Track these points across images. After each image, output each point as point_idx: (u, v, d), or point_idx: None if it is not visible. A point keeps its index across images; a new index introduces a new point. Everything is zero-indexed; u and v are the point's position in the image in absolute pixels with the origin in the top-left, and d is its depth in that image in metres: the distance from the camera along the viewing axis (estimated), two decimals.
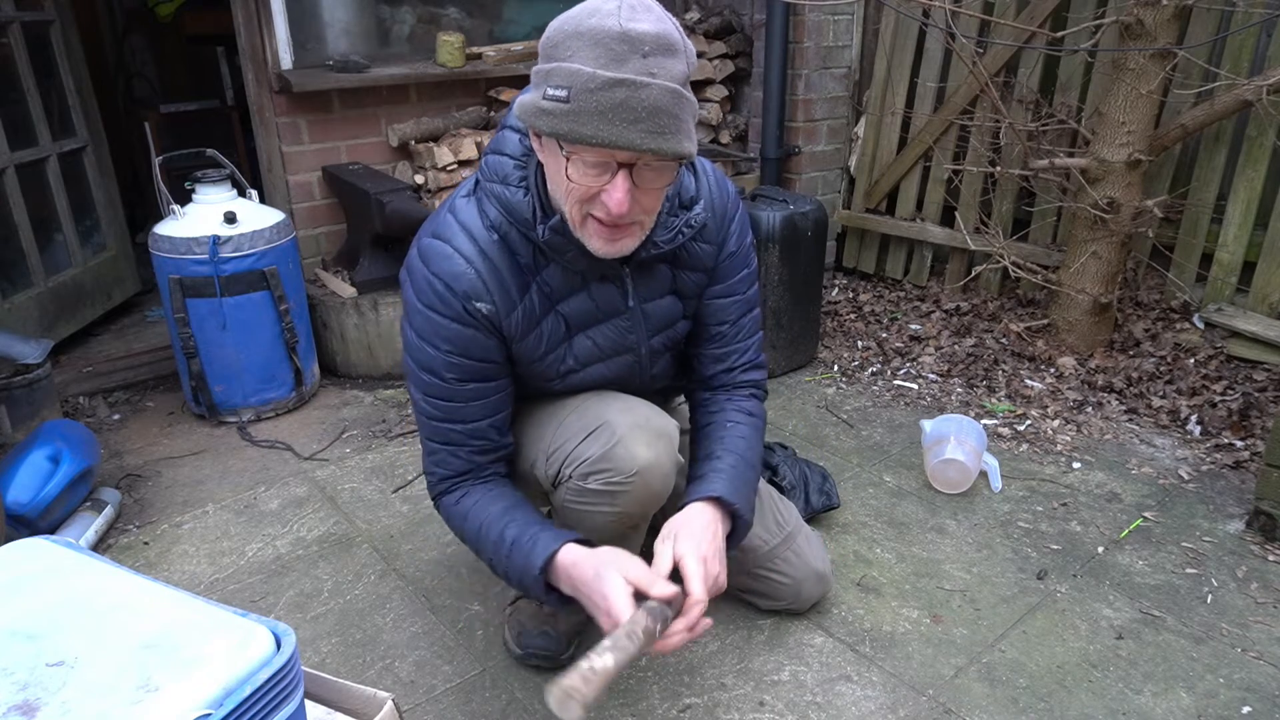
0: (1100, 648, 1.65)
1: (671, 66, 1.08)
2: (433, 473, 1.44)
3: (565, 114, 1.08)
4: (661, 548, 1.31)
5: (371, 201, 2.61)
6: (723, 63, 3.35)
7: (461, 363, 1.34)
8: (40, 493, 1.91)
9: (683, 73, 1.11)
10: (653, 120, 1.07)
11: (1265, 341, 2.60)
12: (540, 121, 1.11)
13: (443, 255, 1.31)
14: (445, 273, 1.30)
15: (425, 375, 1.36)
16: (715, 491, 1.38)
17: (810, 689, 1.56)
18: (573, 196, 1.18)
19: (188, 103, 4.49)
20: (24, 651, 0.87)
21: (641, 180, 1.15)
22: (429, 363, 1.35)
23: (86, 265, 3.10)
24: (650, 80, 1.06)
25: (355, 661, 1.65)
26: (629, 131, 1.07)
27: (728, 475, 1.42)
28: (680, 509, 1.38)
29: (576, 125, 1.07)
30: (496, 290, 1.31)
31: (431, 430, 1.40)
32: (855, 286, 3.56)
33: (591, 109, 1.06)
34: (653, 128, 1.07)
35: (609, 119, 1.06)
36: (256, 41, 2.71)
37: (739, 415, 1.52)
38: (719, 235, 1.45)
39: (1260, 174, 2.63)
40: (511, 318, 1.33)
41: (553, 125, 1.09)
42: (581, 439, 1.36)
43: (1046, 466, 2.28)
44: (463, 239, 1.31)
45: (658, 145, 1.08)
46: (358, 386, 2.85)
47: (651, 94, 1.06)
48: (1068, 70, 2.92)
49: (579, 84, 1.06)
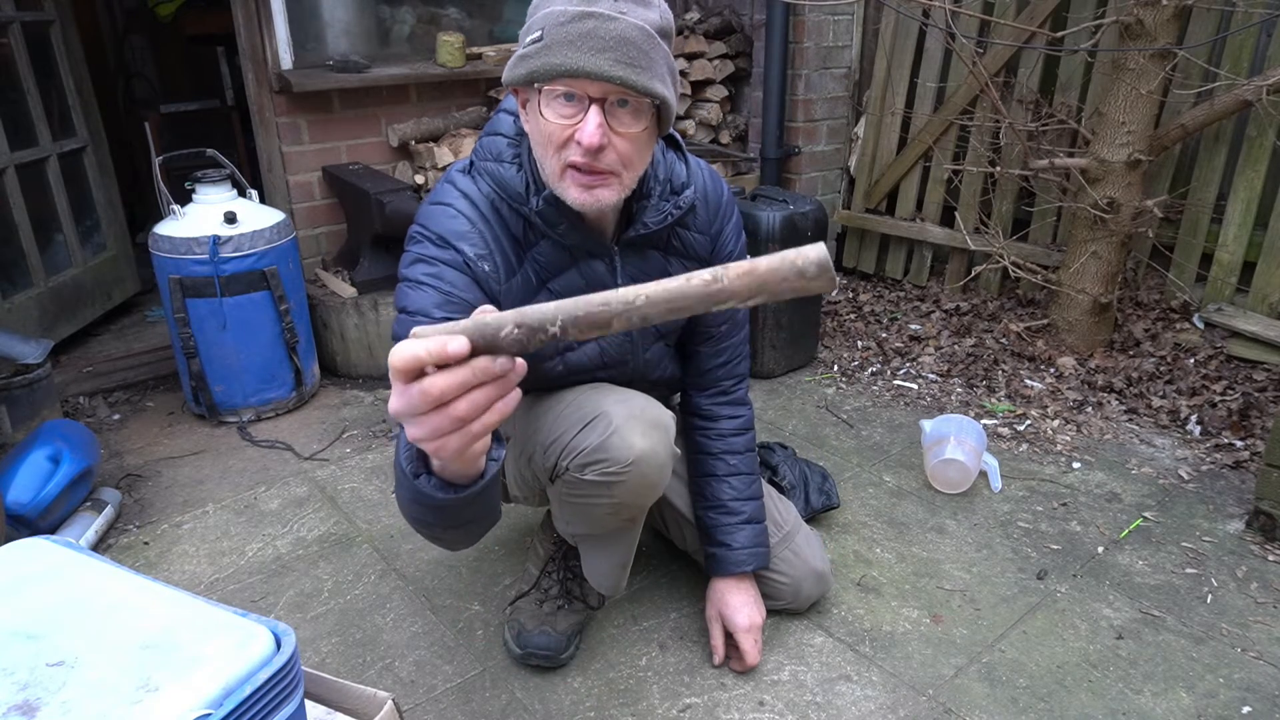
0: (1100, 648, 1.65)
1: (643, 12, 1.14)
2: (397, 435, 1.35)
3: (539, 50, 1.13)
4: (714, 627, 1.63)
5: (371, 201, 2.61)
6: (723, 63, 3.35)
7: (458, 299, 1.26)
8: (40, 493, 1.91)
9: (655, 20, 1.15)
10: (620, 50, 1.11)
11: (1265, 341, 2.60)
12: (517, 69, 1.16)
13: (446, 215, 1.32)
14: (450, 231, 1.31)
15: (417, 318, 1.25)
16: (742, 568, 1.62)
17: (810, 689, 1.56)
18: (551, 145, 1.20)
19: (188, 103, 4.49)
20: (24, 651, 0.87)
21: (615, 121, 1.17)
22: (421, 303, 1.26)
23: (86, 265, 3.10)
24: (619, 15, 1.11)
25: (355, 661, 1.65)
26: (596, 59, 1.11)
27: (746, 542, 1.62)
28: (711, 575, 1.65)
29: (547, 58, 1.12)
30: (497, 252, 1.33)
31: None
32: (855, 286, 3.56)
33: (560, 39, 1.11)
34: (620, 57, 1.11)
35: (576, 46, 1.11)
36: (256, 41, 2.71)
37: (736, 442, 1.64)
38: (712, 227, 1.50)
39: (1260, 174, 2.64)
40: (511, 283, 1.35)
41: (527, 67, 1.14)
42: (578, 430, 1.36)
43: (1046, 466, 2.28)
44: (464, 203, 1.33)
45: (624, 74, 1.11)
46: (358, 386, 2.85)
47: (619, 25, 1.11)
48: (1068, 70, 2.92)
49: (551, 22, 1.12)
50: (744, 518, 1.62)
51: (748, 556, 1.61)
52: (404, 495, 1.04)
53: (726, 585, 1.63)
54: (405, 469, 0.95)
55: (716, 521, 1.63)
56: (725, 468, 1.63)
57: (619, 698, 1.55)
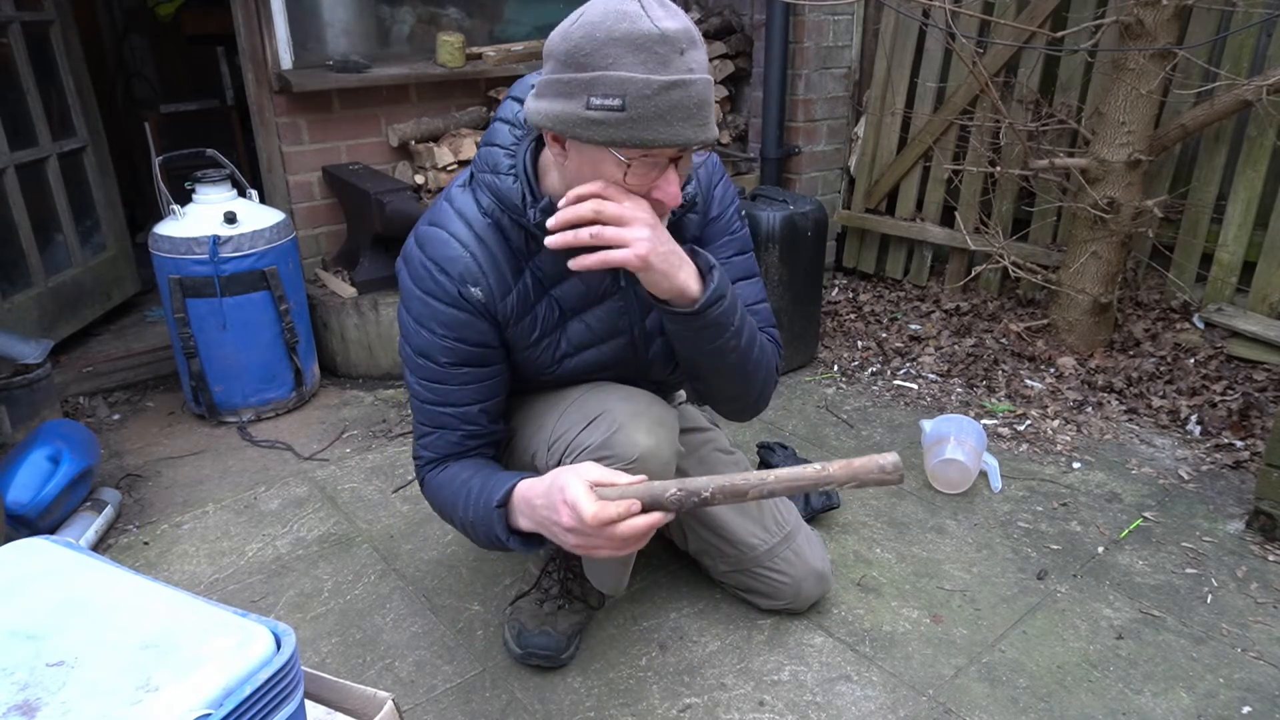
0: (1100, 648, 1.65)
1: (701, 58, 1.14)
2: (420, 455, 1.47)
3: (622, 122, 1.10)
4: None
5: (371, 201, 2.61)
6: (723, 63, 3.35)
7: (456, 347, 1.37)
8: (40, 493, 1.91)
9: (705, 61, 1.16)
10: (701, 114, 1.13)
11: (1265, 341, 2.60)
12: (592, 132, 1.12)
13: (439, 241, 1.34)
14: (441, 258, 1.33)
15: (420, 359, 1.39)
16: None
17: (810, 689, 1.56)
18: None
19: (188, 103, 4.50)
20: (24, 651, 0.87)
21: (681, 168, 1.21)
22: (424, 347, 1.38)
23: (86, 265, 3.10)
24: (694, 77, 1.11)
25: (355, 661, 1.65)
26: (685, 129, 1.12)
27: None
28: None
29: (637, 131, 1.11)
30: (492, 274, 1.34)
31: (425, 414, 1.43)
32: (855, 286, 3.56)
33: (652, 114, 1.10)
34: (700, 120, 1.13)
35: (668, 120, 1.10)
36: (256, 41, 2.71)
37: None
38: (704, 205, 1.50)
39: (1260, 174, 2.63)
40: (506, 301, 1.36)
41: (608, 134, 1.12)
42: (582, 427, 1.37)
43: (1046, 466, 2.28)
44: (459, 225, 1.34)
45: (705, 136, 1.14)
46: (358, 386, 2.85)
47: (698, 89, 1.11)
48: (1068, 70, 2.92)
49: (634, 91, 1.08)
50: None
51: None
52: (475, 527, 1.36)
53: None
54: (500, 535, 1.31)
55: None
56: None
57: (619, 698, 1.55)
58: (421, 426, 1.45)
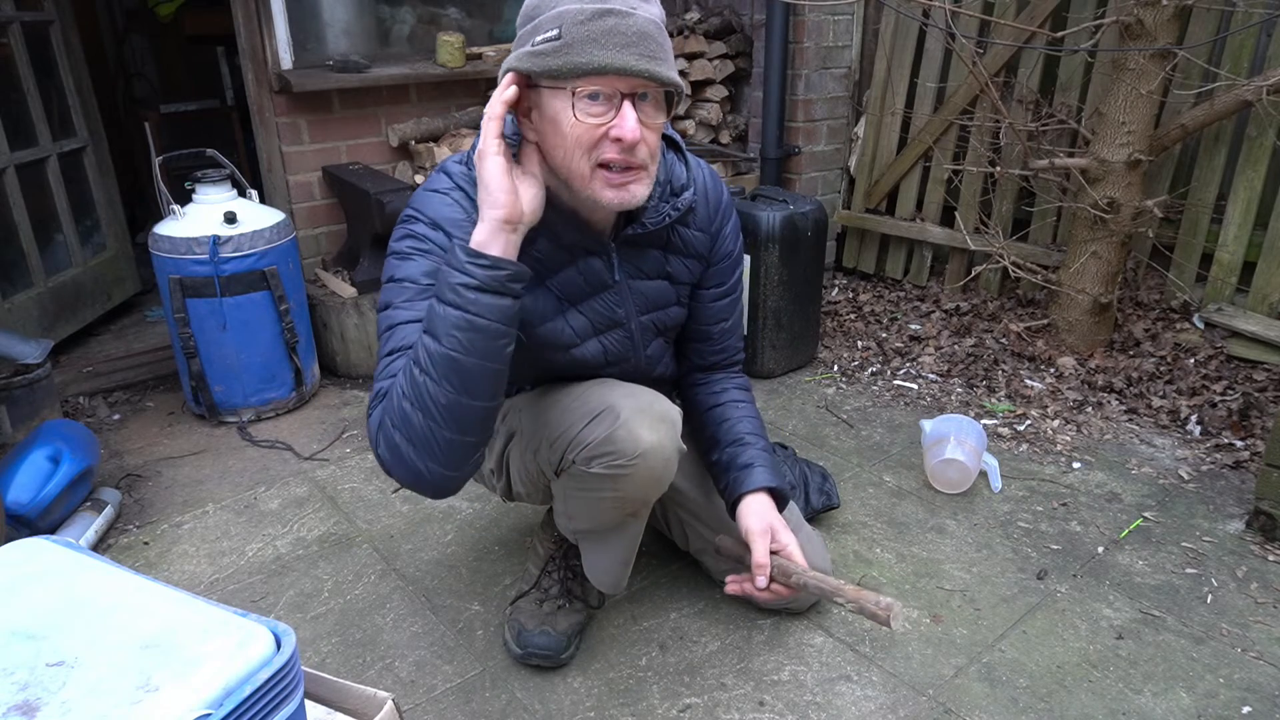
0: (1100, 648, 1.65)
1: (650, 8, 1.16)
2: (380, 388, 1.23)
3: (558, 49, 1.13)
4: (759, 542, 1.52)
5: (371, 201, 2.61)
6: (723, 63, 3.35)
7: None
8: (40, 493, 1.91)
9: (658, 15, 1.18)
10: (643, 44, 1.13)
11: (1265, 341, 2.60)
12: (534, 63, 1.15)
13: (442, 203, 1.30)
14: (443, 217, 1.29)
15: (405, 285, 1.25)
16: (766, 483, 1.56)
17: (810, 689, 1.56)
18: (580, 147, 1.19)
19: (188, 103, 4.50)
20: (24, 651, 0.87)
21: (642, 114, 1.18)
22: (409, 271, 1.26)
23: (86, 265, 3.10)
24: (634, 10, 1.13)
25: (355, 661, 1.65)
26: (624, 54, 1.12)
27: (765, 461, 1.59)
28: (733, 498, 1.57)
29: (572, 56, 1.12)
30: None
31: (396, 339, 1.24)
32: (855, 286, 3.56)
33: (584, 37, 1.12)
34: (644, 52, 1.14)
35: (602, 44, 1.12)
36: (256, 41, 2.71)
37: (740, 394, 1.66)
38: (711, 225, 1.51)
39: (1260, 174, 2.63)
40: None
41: (547, 63, 1.14)
42: (585, 423, 1.36)
43: (1046, 466, 2.28)
44: (459, 193, 1.31)
45: (652, 68, 1.14)
46: (358, 386, 2.85)
47: (638, 21, 1.13)
48: (1068, 70, 2.92)
49: (568, 20, 1.12)
50: (763, 446, 1.62)
51: (775, 475, 1.59)
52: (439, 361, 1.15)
53: (765, 499, 1.56)
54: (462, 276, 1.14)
55: (737, 453, 1.59)
56: (737, 411, 1.64)
57: (619, 698, 1.55)
58: (387, 358, 1.24)
